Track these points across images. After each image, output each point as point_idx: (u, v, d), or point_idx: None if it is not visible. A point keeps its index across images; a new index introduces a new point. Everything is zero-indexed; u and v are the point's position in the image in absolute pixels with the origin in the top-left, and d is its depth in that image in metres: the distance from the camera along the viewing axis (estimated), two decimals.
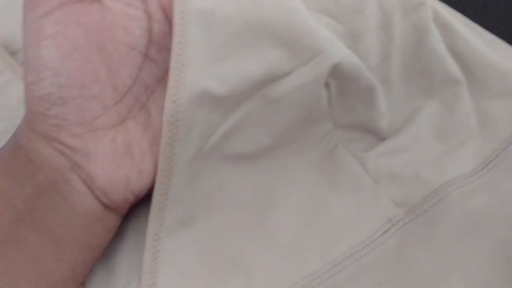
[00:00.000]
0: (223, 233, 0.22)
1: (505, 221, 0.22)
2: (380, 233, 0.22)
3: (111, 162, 0.20)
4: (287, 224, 0.23)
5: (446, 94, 0.25)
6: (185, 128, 0.20)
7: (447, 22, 0.26)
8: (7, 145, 0.20)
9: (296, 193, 0.23)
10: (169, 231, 0.21)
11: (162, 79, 0.22)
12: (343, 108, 0.24)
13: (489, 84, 0.25)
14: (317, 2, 0.24)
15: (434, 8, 0.27)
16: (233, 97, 0.21)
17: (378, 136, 0.25)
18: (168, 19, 0.21)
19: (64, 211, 0.19)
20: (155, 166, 0.20)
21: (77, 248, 0.20)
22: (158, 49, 0.21)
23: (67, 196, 0.19)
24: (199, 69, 0.19)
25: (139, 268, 0.21)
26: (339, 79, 0.23)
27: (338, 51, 0.22)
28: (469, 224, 0.22)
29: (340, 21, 0.25)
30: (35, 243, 0.19)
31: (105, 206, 0.20)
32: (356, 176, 0.24)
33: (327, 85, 0.23)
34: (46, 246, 0.19)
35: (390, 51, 0.25)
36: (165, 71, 0.21)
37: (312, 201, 0.23)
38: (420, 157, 0.24)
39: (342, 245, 0.22)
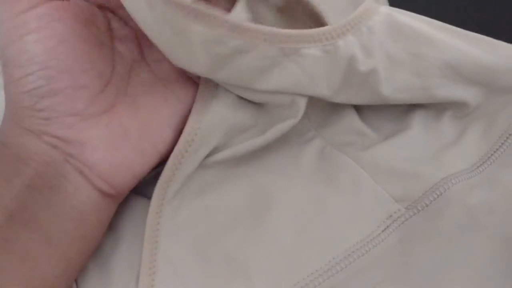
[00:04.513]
0: (221, 234, 0.22)
1: (506, 216, 0.22)
2: (381, 230, 0.22)
3: (110, 146, 0.20)
4: (286, 223, 0.22)
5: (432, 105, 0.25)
6: (199, 144, 0.21)
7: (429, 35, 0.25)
8: None
9: (294, 193, 0.23)
10: (166, 233, 0.21)
11: (132, 69, 0.22)
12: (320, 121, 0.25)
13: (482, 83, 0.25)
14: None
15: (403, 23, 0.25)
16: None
17: (368, 137, 0.25)
18: (117, 14, 0.22)
19: (57, 206, 0.19)
20: (155, 147, 0.21)
21: (70, 243, 0.19)
22: (120, 42, 0.22)
23: (61, 190, 0.19)
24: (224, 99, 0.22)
25: (135, 271, 0.20)
26: None
27: None
28: (471, 218, 0.22)
29: None
30: (26, 242, 0.18)
31: (104, 195, 0.20)
32: (353, 174, 0.23)
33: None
34: (38, 243, 0.18)
35: None
36: (133, 61, 0.22)
37: (310, 199, 0.23)
38: (418, 153, 0.24)
39: (342, 244, 0.22)
